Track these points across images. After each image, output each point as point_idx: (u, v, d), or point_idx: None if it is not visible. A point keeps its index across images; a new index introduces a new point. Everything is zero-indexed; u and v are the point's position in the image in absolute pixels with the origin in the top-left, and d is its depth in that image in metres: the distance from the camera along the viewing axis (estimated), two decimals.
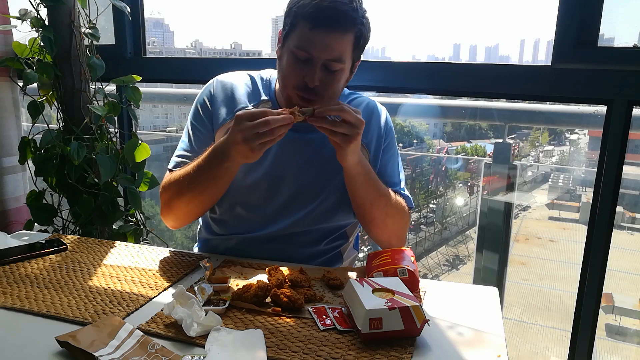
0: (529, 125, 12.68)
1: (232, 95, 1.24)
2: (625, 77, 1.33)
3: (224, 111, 1.22)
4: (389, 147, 1.28)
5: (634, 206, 9.19)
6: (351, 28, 1.08)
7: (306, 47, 1.08)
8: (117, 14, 1.87)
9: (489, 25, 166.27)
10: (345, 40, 1.09)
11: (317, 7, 1.05)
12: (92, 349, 0.76)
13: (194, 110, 1.27)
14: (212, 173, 1.10)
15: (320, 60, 1.08)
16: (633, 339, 7.16)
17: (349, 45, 1.10)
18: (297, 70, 1.10)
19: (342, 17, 1.06)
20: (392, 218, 1.22)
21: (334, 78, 1.12)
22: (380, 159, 1.26)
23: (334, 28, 1.07)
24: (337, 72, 1.12)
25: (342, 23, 1.07)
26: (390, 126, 1.30)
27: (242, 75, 1.28)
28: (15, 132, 1.82)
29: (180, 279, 1.07)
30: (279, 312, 0.92)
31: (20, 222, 1.83)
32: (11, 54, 1.73)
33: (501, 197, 2.64)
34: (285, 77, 1.14)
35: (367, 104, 1.29)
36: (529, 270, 11.11)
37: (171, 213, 1.22)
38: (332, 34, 1.07)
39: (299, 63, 1.10)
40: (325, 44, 1.07)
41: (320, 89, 1.10)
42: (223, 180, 1.13)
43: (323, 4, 1.05)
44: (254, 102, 1.23)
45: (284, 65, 1.14)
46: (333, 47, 1.08)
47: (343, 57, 1.10)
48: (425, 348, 0.83)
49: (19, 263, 1.13)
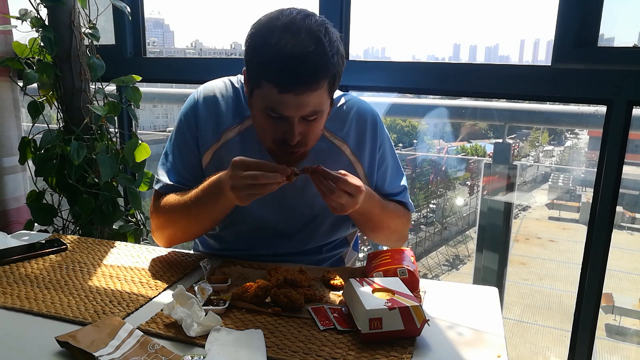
0: (528, 125, 12.69)
1: (216, 113, 1.15)
2: (625, 77, 1.33)
3: (210, 133, 1.15)
4: (384, 157, 1.22)
5: (634, 206, 9.19)
6: (323, 78, 0.96)
7: (278, 110, 0.97)
8: (117, 14, 1.87)
9: (489, 25, 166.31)
10: (318, 92, 0.97)
11: (280, 67, 0.93)
12: (92, 349, 0.76)
13: (177, 130, 1.18)
14: (208, 206, 1.07)
15: (296, 117, 0.98)
16: (633, 339, 7.17)
17: (325, 92, 0.99)
18: (273, 127, 1.01)
19: (312, 73, 0.94)
20: (396, 233, 1.25)
21: (315, 125, 1.03)
22: (376, 171, 1.21)
23: (305, 89, 0.94)
24: (317, 119, 1.02)
25: (314, 79, 0.94)
26: (383, 131, 1.22)
27: (226, 87, 1.18)
28: (15, 132, 1.82)
29: (180, 279, 1.07)
30: (279, 312, 0.92)
31: (21, 222, 1.83)
32: (11, 54, 1.73)
33: (501, 197, 2.64)
34: (262, 133, 1.06)
35: (356, 111, 1.19)
36: (529, 270, 11.12)
37: (163, 237, 1.20)
38: (304, 94, 0.95)
39: (274, 119, 1.00)
40: (297, 104, 0.96)
41: (302, 140, 1.02)
42: (221, 213, 1.10)
43: (287, 61, 0.92)
44: (238, 120, 1.15)
45: (257, 120, 1.05)
46: (307, 103, 0.97)
47: (321, 107, 1.00)
48: (425, 348, 0.83)
49: (19, 263, 1.13)
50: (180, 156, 1.18)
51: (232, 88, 1.18)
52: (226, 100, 1.16)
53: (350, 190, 0.98)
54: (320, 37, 0.94)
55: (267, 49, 0.94)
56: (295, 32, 0.93)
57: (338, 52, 0.98)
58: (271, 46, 0.93)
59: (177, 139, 1.18)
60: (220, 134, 1.15)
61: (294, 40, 0.92)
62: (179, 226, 1.17)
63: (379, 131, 1.21)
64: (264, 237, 1.21)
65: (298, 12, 0.97)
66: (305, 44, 0.92)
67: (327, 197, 1.00)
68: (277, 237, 1.21)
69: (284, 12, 0.97)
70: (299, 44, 0.92)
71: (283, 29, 0.93)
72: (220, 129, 1.15)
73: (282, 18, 0.96)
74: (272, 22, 0.96)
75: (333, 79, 0.99)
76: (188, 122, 1.17)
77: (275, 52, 0.93)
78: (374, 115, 1.21)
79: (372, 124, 1.20)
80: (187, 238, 1.24)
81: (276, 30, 0.94)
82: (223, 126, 1.15)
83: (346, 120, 1.18)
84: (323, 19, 0.98)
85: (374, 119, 1.21)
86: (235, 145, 1.15)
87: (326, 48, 0.94)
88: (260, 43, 0.96)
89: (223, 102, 1.16)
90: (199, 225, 1.16)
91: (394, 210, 1.21)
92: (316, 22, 0.96)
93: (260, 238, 1.21)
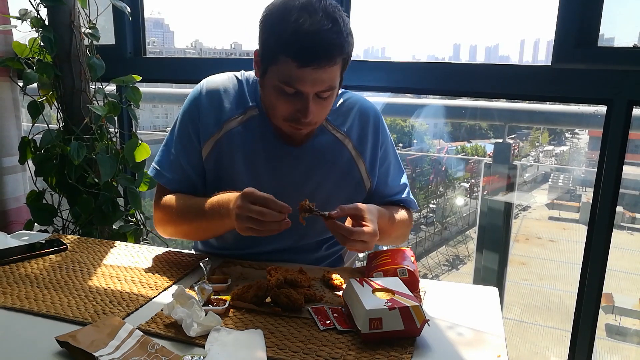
0: (529, 125, 12.68)
1: (219, 103, 1.17)
2: (625, 77, 1.33)
3: (212, 123, 1.16)
4: (386, 154, 1.24)
5: (634, 206, 9.19)
6: (339, 56, 1.01)
7: (294, 84, 1.01)
8: (117, 14, 1.87)
9: (489, 26, 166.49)
10: (334, 68, 1.02)
11: (300, 42, 0.97)
12: (92, 349, 0.76)
13: (180, 122, 1.20)
14: (212, 223, 1.09)
15: (311, 93, 1.02)
16: (633, 339, 7.17)
17: (338, 70, 1.04)
18: (286, 104, 1.04)
19: (330, 49, 0.98)
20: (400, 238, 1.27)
21: (327, 103, 1.07)
22: (377, 169, 1.22)
23: (323, 63, 0.99)
24: (329, 97, 1.06)
25: (331, 55, 0.99)
26: (385, 130, 1.24)
27: (229, 79, 1.20)
28: (15, 132, 1.82)
29: (180, 279, 1.07)
30: (279, 312, 0.92)
31: (21, 222, 1.83)
32: (11, 54, 1.73)
33: (501, 197, 2.64)
34: (273, 109, 1.08)
35: (359, 107, 1.22)
36: (529, 270, 11.12)
37: (165, 231, 1.23)
38: (321, 69, 0.99)
39: (287, 96, 1.03)
40: (314, 79, 1.00)
41: (313, 118, 1.05)
42: (223, 230, 1.12)
43: (305, 37, 0.96)
44: (241, 110, 1.17)
45: (269, 97, 1.08)
46: (323, 79, 1.01)
47: (334, 84, 1.04)
48: (425, 348, 0.83)
49: (19, 263, 1.13)
50: (182, 149, 1.19)
51: (235, 81, 1.21)
52: (229, 92, 1.18)
53: (365, 238, 1.01)
54: (336, 17, 1.00)
55: (286, 25, 0.98)
56: (312, 11, 0.98)
57: (350, 33, 1.04)
58: (290, 22, 0.97)
59: (180, 132, 1.20)
60: (221, 123, 1.16)
61: (312, 18, 0.97)
62: (181, 229, 1.20)
63: (381, 129, 1.23)
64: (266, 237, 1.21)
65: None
66: (323, 22, 0.97)
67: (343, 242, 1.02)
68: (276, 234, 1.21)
69: None
70: (318, 21, 0.97)
71: (301, 8, 0.98)
72: (222, 119, 1.17)
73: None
74: (289, 3, 1.00)
75: (347, 58, 1.04)
76: (190, 114, 1.19)
77: (294, 28, 0.97)
78: (376, 113, 1.24)
79: (374, 122, 1.22)
80: (190, 239, 1.29)
81: (294, 9, 0.98)
82: (225, 116, 1.17)
83: (349, 115, 1.20)
84: (335, 3, 1.03)
85: (376, 117, 1.23)
86: (237, 135, 1.16)
87: (341, 27, 1.00)
88: (279, 20, 1.00)
89: (226, 94, 1.18)
90: (200, 236, 1.22)
91: (401, 219, 1.22)
92: (331, 5, 1.01)
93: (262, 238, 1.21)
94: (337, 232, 1.02)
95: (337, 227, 1.01)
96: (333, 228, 1.02)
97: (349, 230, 1.00)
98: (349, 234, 1.00)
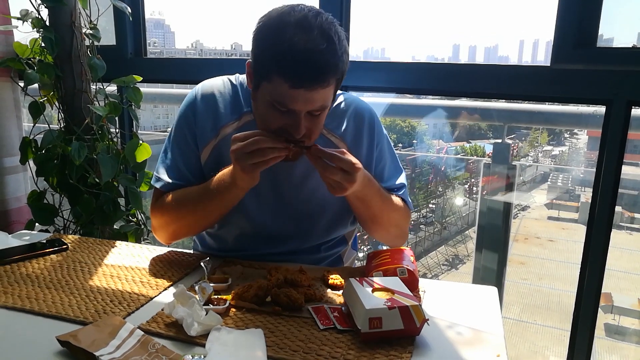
0: (528, 126, 12.70)
1: (215, 108, 1.16)
2: (624, 78, 1.34)
3: (208, 129, 1.16)
4: (382, 154, 1.23)
5: (633, 206, 9.20)
6: (333, 76, 0.97)
7: (287, 103, 0.98)
8: (118, 15, 1.87)
9: (488, 26, 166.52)
10: (328, 88, 0.98)
11: (293, 62, 0.93)
12: (93, 348, 0.77)
13: (177, 127, 1.19)
14: (217, 197, 1.08)
15: (303, 112, 0.99)
16: (632, 339, 7.18)
17: (332, 90, 1.01)
18: (278, 120, 1.01)
19: (324, 71, 0.95)
20: (396, 228, 1.24)
21: (319, 120, 1.04)
22: (374, 169, 1.21)
23: (316, 85, 0.95)
24: (322, 114, 1.03)
25: (324, 78, 0.95)
26: (380, 130, 1.23)
27: (224, 84, 1.19)
28: (16, 132, 1.82)
29: (180, 279, 1.08)
30: (279, 311, 0.92)
31: (22, 222, 1.83)
32: (12, 55, 1.73)
33: (500, 197, 2.64)
34: (264, 123, 1.04)
35: (354, 109, 1.21)
36: (528, 270, 11.13)
37: (167, 234, 1.21)
38: (314, 90, 0.96)
39: (279, 112, 1.00)
40: (307, 99, 0.96)
41: (306, 134, 1.02)
42: (230, 202, 1.10)
43: (299, 57, 0.92)
44: (236, 116, 1.16)
45: (261, 110, 1.05)
46: (316, 99, 0.97)
47: (327, 103, 1.01)
48: (425, 347, 0.83)
49: (20, 263, 1.13)
50: (180, 153, 1.18)
51: (230, 85, 1.19)
52: (224, 97, 1.17)
53: (345, 166, 0.98)
54: (332, 35, 0.95)
55: (280, 44, 0.94)
56: (308, 29, 0.94)
57: (346, 50, 1.00)
58: (284, 41, 0.93)
59: (177, 136, 1.19)
60: (217, 130, 1.15)
61: (307, 37, 0.93)
62: (185, 221, 1.17)
63: (376, 129, 1.22)
64: (260, 238, 1.21)
65: (309, 10, 0.98)
66: (318, 42, 0.93)
67: (323, 175, 1.00)
68: (274, 238, 1.21)
69: (295, 9, 0.98)
70: (312, 40, 0.93)
71: (296, 25, 0.94)
72: (218, 124, 1.16)
73: (294, 14, 0.96)
74: (284, 18, 0.96)
75: (341, 77, 1.01)
76: (187, 119, 1.18)
77: (288, 47, 0.93)
78: (371, 114, 1.22)
79: (369, 122, 1.21)
80: (192, 232, 1.25)
81: (289, 26, 0.94)
82: (221, 122, 1.16)
83: (344, 118, 1.19)
84: (332, 18, 1.00)
85: (371, 117, 1.22)
86: None
87: (337, 47, 0.96)
88: (273, 37, 0.96)
89: (221, 98, 1.17)
90: (206, 219, 1.16)
91: (394, 202, 1.21)
92: (327, 21, 0.97)
93: (257, 238, 1.22)
94: (317, 162, 1.00)
95: (319, 152, 0.99)
96: (313, 159, 1.00)
97: (329, 154, 0.99)
98: (329, 157, 0.98)
